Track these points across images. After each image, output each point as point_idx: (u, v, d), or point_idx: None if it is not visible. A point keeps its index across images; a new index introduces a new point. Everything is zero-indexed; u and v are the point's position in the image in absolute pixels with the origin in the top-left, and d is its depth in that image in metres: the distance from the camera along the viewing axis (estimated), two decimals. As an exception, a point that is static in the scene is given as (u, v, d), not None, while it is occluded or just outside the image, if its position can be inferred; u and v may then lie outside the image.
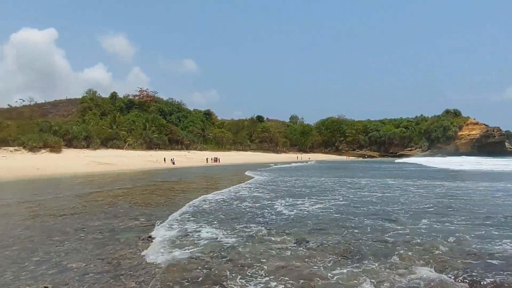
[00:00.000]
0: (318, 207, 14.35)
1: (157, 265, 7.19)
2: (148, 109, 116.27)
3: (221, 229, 10.25)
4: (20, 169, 36.34)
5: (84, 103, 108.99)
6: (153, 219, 11.78)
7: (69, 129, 73.86)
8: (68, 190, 21.62)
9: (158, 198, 17.85)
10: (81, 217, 12.39)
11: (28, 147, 61.15)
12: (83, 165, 45.29)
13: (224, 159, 74.45)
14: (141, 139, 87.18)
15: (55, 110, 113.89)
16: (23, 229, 10.51)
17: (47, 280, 6.33)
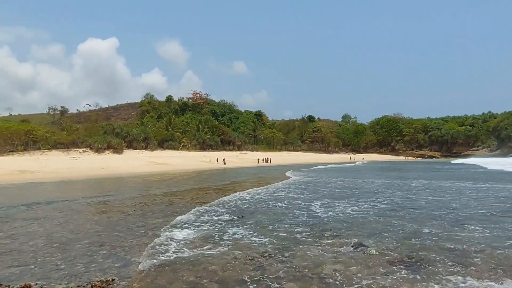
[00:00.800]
0: (354, 210, 13.62)
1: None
2: (201, 111, 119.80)
3: (273, 227, 10.00)
4: (87, 169, 39.19)
5: (143, 107, 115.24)
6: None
7: (130, 131, 78.44)
8: (131, 189, 22.62)
9: (212, 197, 17.89)
10: (142, 214, 12.90)
11: (94, 148, 66.00)
12: (142, 165, 47.66)
13: (275, 159, 74.23)
14: (195, 140, 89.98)
15: (117, 114, 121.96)
16: (92, 224, 11.17)
17: (113, 273, 6.58)
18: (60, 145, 69.44)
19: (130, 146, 74.53)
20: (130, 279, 6.29)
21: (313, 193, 19.64)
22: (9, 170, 35.20)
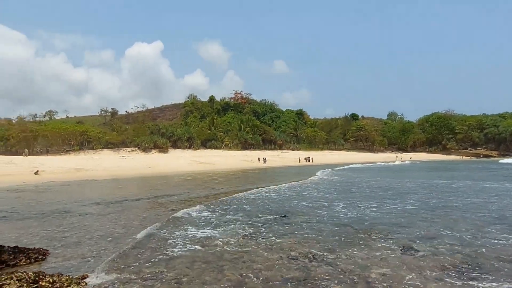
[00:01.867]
0: (376, 211, 13.09)
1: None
2: (243, 110, 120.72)
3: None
4: (136, 167, 40.84)
5: (186, 107, 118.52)
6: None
7: (174, 131, 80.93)
8: (177, 187, 23.06)
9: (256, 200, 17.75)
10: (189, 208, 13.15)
11: (142, 148, 68.87)
12: (187, 164, 48.82)
13: (317, 158, 72.86)
14: (237, 139, 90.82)
15: (162, 114, 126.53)
16: (140, 221, 11.64)
17: (161, 265, 6.72)
18: (111, 144, 73.30)
19: (175, 146, 76.81)
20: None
21: (348, 192, 19.17)
22: (67, 168, 37.60)
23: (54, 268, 6.61)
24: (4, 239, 8.85)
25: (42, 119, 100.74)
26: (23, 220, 11.71)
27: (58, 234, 9.66)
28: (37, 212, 13.14)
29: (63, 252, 7.83)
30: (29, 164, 37.96)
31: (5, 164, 36.86)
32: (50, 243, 8.56)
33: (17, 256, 6.86)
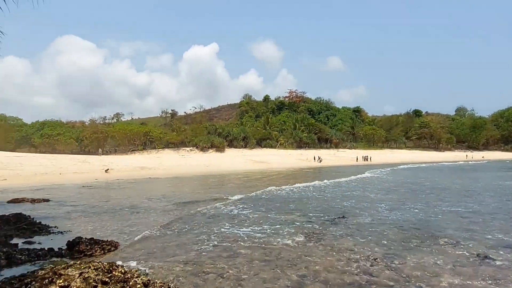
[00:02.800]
0: (445, 213, 11.83)
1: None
2: (298, 109, 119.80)
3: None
4: (195, 166, 42.49)
5: (242, 107, 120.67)
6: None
7: (230, 131, 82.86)
8: (234, 186, 23.50)
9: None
10: (243, 208, 13.44)
11: (200, 147, 71.52)
12: (242, 163, 49.65)
13: (376, 158, 69.81)
14: (292, 138, 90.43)
15: (218, 115, 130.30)
16: (202, 217, 12.03)
17: (222, 261, 6.84)
18: (171, 144, 77.16)
19: (231, 145, 78.61)
20: (238, 269, 6.41)
21: (412, 193, 17.99)
22: (132, 166, 40.33)
23: (124, 258, 7.05)
24: (81, 231, 9.68)
25: (110, 121, 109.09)
26: (97, 215, 12.71)
27: (127, 227, 10.32)
28: (109, 207, 14.19)
29: (132, 244, 8.33)
30: (100, 162, 41.35)
31: (81, 163, 40.54)
32: (120, 236, 9.16)
33: (93, 247, 7.45)
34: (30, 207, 14.30)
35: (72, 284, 4.45)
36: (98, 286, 4.51)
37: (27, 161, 39.61)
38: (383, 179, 28.53)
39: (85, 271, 4.72)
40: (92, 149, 76.63)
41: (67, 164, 38.20)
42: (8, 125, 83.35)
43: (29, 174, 30.57)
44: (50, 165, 36.62)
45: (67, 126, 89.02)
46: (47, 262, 6.75)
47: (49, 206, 14.79)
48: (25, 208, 13.58)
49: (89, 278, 4.58)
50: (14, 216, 10.76)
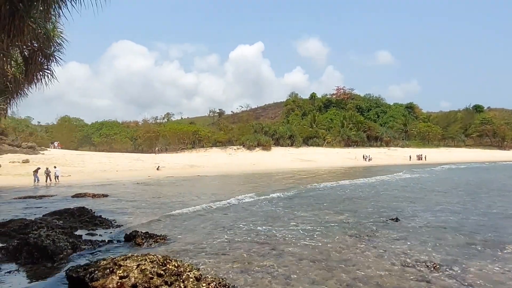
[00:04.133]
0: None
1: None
2: (345, 106, 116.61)
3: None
4: (241, 164, 43.08)
5: (288, 105, 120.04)
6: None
7: (276, 129, 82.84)
8: (281, 184, 23.44)
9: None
10: (290, 207, 13.25)
11: (246, 146, 72.32)
12: (289, 162, 49.45)
13: (431, 156, 65.85)
14: (339, 136, 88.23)
15: (265, 113, 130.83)
16: (247, 214, 12.25)
17: (271, 260, 6.78)
18: (219, 143, 78.89)
19: (277, 144, 78.57)
20: (287, 268, 6.27)
21: (474, 195, 16.73)
22: (182, 164, 41.88)
23: (176, 252, 7.29)
24: (136, 225, 10.20)
25: (161, 121, 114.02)
26: (150, 210, 13.34)
27: (178, 222, 10.70)
28: (161, 203, 14.85)
29: (182, 239, 8.60)
30: (153, 160, 43.42)
31: (135, 161, 42.90)
32: (172, 230, 9.51)
33: (148, 241, 7.82)
34: (91, 202, 15.37)
35: (131, 275, 4.68)
36: (154, 278, 4.69)
37: (88, 159, 42.73)
38: (439, 179, 26.85)
39: (142, 263, 4.94)
40: (145, 147, 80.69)
41: (122, 162, 40.64)
42: (72, 126, 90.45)
43: (90, 171, 32.95)
44: (108, 163, 39.20)
45: (123, 126, 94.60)
46: (108, 252, 7.19)
47: (107, 201, 15.80)
48: (87, 202, 14.60)
49: (145, 270, 4.79)
50: (78, 210, 11.64)
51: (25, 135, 59.69)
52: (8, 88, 17.25)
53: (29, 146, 47.50)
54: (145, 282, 4.63)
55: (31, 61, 13.61)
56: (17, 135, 54.72)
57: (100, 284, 4.66)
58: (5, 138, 46.65)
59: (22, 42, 11.66)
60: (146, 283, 4.62)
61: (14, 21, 8.94)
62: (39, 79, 14.67)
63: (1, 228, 9.21)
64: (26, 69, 14.10)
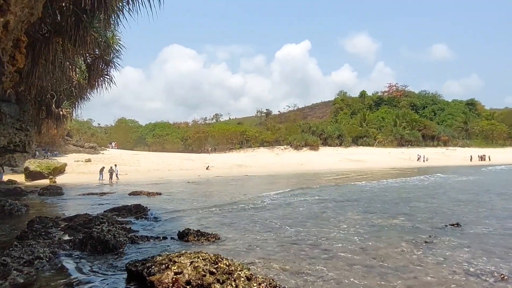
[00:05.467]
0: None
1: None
2: (398, 104, 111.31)
3: None
4: (289, 164, 42.90)
5: (336, 104, 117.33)
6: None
7: (324, 129, 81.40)
8: (330, 185, 22.99)
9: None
10: (341, 208, 12.94)
11: (294, 146, 71.96)
12: (337, 162, 48.33)
13: (496, 157, 60.44)
14: (392, 136, 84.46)
15: (312, 113, 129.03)
16: (297, 215, 12.08)
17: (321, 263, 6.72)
18: (266, 143, 79.35)
19: (325, 143, 77.24)
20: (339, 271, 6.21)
21: None
22: (230, 164, 42.70)
23: (226, 251, 7.40)
24: (188, 223, 10.55)
25: (210, 121, 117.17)
26: (201, 208, 13.74)
27: (228, 221, 10.90)
28: (211, 202, 15.26)
29: (232, 238, 8.72)
30: (202, 160, 44.73)
31: (185, 160, 44.50)
32: (222, 229, 9.69)
33: (199, 238, 8.04)
34: (146, 199, 16.21)
35: (185, 271, 4.83)
36: (207, 276, 4.80)
37: (143, 158, 45.13)
38: (506, 181, 24.62)
39: (195, 260, 5.08)
40: (194, 147, 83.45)
41: (174, 162, 42.37)
42: (128, 127, 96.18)
43: (144, 170, 34.78)
44: (160, 162, 41.09)
45: (174, 127, 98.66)
46: (162, 248, 7.50)
47: (161, 199, 16.56)
48: (142, 200, 15.41)
49: (198, 267, 4.92)
50: (134, 207, 12.34)
51: (87, 136, 64.63)
52: (73, 94, 18.79)
53: (91, 146, 51.45)
54: (198, 279, 4.75)
55: (93, 68, 14.73)
56: (80, 136, 59.47)
57: (156, 278, 4.87)
58: (70, 139, 50.91)
59: (85, 51, 12.65)
60: (199, 280, 4.75)
61: (78, 31, 9.73)
62: (100, 84, 15.84)
63: (68, 222, 10.02)
64: (88, 75, 15.29)
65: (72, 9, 9.26)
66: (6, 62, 6.97)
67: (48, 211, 13.57)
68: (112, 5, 9.29)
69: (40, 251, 6.48)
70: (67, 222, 10.23)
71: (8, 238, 8.61)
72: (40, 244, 7.18)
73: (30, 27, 8.30)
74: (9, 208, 12.12)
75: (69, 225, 9.66)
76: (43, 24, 9.63)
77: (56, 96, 16.82)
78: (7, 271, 5.57)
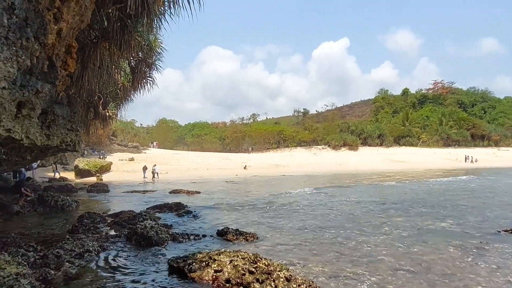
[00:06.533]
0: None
1: None
2: (444, 102, 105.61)
3: None
4: (327, 164, 42.19)
5: (377, 103, 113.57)
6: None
7: (364, 128, 79.09)
8: (370, 186, 22.29)
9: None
10: (383, 210, 12.50)
11: (332, 146, 70.65)
12: (378, 162, 46.81)
13: (555, 158, 55.61)
14: (437, 135, 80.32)
15: (351, 112, 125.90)
16: (336, 215, 11.80)
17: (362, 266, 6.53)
18: (303, 142, 78.55)
19: (365, 143, 75.07)
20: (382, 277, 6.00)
21: None
22: (267, 164, 42.75)
23: (265, 251, 7.40)
24: (227, 222, 10.67)
25: (247, 121, 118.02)
26: (239, 207, 13.87)
27: (266, 221, 10.90)
28: (249, 201, 15.34)
29: (270, 238, 8.70)
30: (240, 159, 45.19)
31: (223, 160, 45.18)
32: (260, 228, 9.71)
33: (238, 237, 8.11)
34: (186, 198, 16.64)
35: (224, 269, 4.89)
36: (246, 275, 4.83)
37: (182, 157, 46.44)
38: None
39: (234, 259, 5.13)
40: (232, 147, 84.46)
41: (212, 161, 43.17)
42: (168, 127, 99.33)
43: (184, 169, 35.74)
44: (199, 162, 42.04)
45: (212, 127, 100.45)
46: (202, 246, 7.66)
47: (200, 198, 16.92)
48: (182, 198, 15.83)
49: (238, 266, 4.96)
50: (175, 205, 12.72)
51: (131, 136, 67.58)
52: (118, 96, 19.72)
53: (134, 146, 53.74)
54: (238, 277, 4.79)
55: (137, 70, 15.34)
56: (124, 136, 62.32)
57: (197, 275, 4.97)
58: (115, 138, 53.54)
59: (129, 54, 13.21)
60: (238, 279, 4.78)
61: (124, 36, 10.18)
62: (143, 86, 16.48)
63: (114, 218, 10.53)
64: (132, 78, 15.95)
65: (118, 15, 9.70)
66: (59, 67, 7.43)
67: (95, 207, 14.33)
68: (154, 9, 9.61)
69: (89, 245, 6.86)
70: (113, 218, 10.75)
71: (60, 232, 9.19)
72: (89, 238, 7.61)
73: (80, 33, 8.80)
74: (61, 204, 12.95)
75: (115, 221, 10.14)
76: (92, 30, 10.17)
77: (103, 98, 17.75)
78: (61, 263, 5.94)
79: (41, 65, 6.20)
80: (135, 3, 8.39)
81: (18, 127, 5.76)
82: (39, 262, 5.86)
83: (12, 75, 5.05)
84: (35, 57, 5.82)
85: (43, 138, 6.91)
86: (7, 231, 9.06)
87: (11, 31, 4.83)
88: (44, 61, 6.37)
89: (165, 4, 10.00)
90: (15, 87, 5.31)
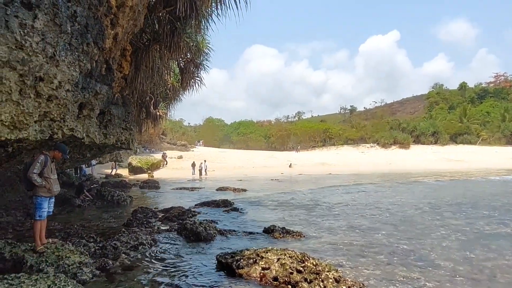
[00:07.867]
0: None
1: None
2: (508, 96, 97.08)
3: None
4: (376, 163, 40.70)
5: (431, 98, 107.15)
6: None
7: (417, 125, 75.08)
8: (425, 187, 21.21)
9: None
10: (439, 213, 11.83)
11: (381, 144, 67.97)
12: (432, 161, 44.31)
13: None
14: (499, 132, 74.05)
15: (402, 108, 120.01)
16: (388, 216, 11.24)
17: (416, 271, 6.15)
18: (350, 141, 76.39)
19: (417, 141, 71.25)
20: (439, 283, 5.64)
21: None
22: (313, 162, 42.19)
23: (312, 250, 7.28)
24: (273, 220, 10.68)
25: (292, 119, 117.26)
26: (285, 205, 13.83)
27: (313, 219, 10.75)
28: (294, 200, 15.25)
29: (318, 237, 8.56)
30: (285, 158, 45.05)
31: (268, 158, 45.31)
32: (306, 227, 9.59)
33: (285, 235, 8.08)
34: (232, 195, 16.92)
35: (272, 267, 4.89)
36: (294, 273, 4.78)
37: (228, 156, 47.31)
38: None
39: (281, 257, 5.10)
40: (277, 145, 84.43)
41: (258, 159, 43.48)
42: (215, 126, 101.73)
43: (230, 166, 36.41)
44: (245, 160, 42.56)
45: (257, 125, 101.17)
46: (249, 243, 7.72)
47: (246, 195, 17.11)
48: (229, 196, 16.12)
49: (285, 265, 4.92)
50: (222, 202, 13.00)
51: (179, 134, 70.19)
52: (168, 96, 20.50)
53: (182, 144, 55.78)
54: (285, 276, 4.76)
55: (185, 71, 15.86)
56: (173, 135, 64.86)
57: (245, 272, 5.01)
58: (165, 137, 55.91)
59: (179, 55, 13.68)
60: (286, 277, 4.75)
61: (173, 38, 10.56)
62: (191, 86, 17.01)
63: (165, 214, 10.99)
64: (181, 78, 16.52)
65: (168, 18, 10.08)
66: (115, 70, 7.89)
67: (148, 202, 15.06)
68: (202, 10, 9.85)
69: (143, 238, 7.21)
70: (163, 213, 11.22)
71: (117, 225, 9.77)
72: (143, 232, 8.00)
73: (133, 37, 9.27)
74: (117, 199, 13.77)
75: (166, 216, 10.58)
76: (144, 33, 10.68)
77: (154, 98, 18.61)
78: (118, 254, 6.32)
79: (99, 68, 6.62)
80: (184, 5, 8.66)
81: (80, 127, 6.21)
82: (99, 252, 6.29)
83: (75, 78, 5.44)
84: (94, 61, 6.23)
85: (101, 137, 7.39)
86: (70, 222, 9.84)
87: (74, 37, 5.20)
88: (102, 64, 6.80)
89: (212, 5, 10.21)
90: (77, 89, 5.72)
